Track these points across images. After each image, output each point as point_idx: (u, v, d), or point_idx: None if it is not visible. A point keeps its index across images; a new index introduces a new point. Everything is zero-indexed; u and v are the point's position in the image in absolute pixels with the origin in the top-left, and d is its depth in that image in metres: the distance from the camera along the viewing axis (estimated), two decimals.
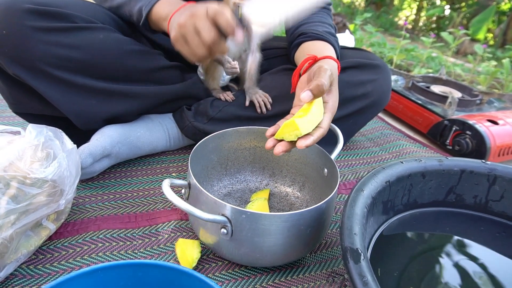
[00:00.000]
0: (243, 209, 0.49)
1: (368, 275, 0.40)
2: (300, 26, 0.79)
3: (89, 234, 0.60)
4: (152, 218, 0.65)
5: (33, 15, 0.62)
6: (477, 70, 2.00)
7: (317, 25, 0.78)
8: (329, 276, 0.57)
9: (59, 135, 0.59)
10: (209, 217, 0.48)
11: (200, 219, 0.48)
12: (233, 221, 0.49)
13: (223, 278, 0.55)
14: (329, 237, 0.65)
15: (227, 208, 0.49)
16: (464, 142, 0.98)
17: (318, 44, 0.73)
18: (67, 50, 0.65)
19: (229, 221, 0.49)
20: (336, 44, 0.76)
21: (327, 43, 0.73)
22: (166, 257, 0.57)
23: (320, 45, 0.73)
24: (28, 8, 0.61)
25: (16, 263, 0.51)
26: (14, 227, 0.49)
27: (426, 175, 0.63)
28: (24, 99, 0.70)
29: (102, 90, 0.70)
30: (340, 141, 0.66)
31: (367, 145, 1.01)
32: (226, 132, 0.68)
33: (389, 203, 0.60)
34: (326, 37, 0.74)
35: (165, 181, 0.50)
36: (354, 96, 0.80)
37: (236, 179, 0.74)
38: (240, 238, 0.51)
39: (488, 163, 0.64)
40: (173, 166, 0.81)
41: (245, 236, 0.50)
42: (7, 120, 0.92)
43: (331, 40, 0.74)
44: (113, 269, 0.38)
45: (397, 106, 1.22)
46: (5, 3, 0.61)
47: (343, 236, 0.45)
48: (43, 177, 0.52)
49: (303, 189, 0.72)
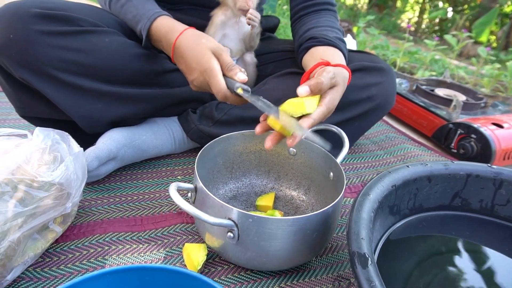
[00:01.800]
0: (250, 213, 0.49)
1: (376, 280, 0.40)
2: (309, 29, 0.79)
3: (95, 237, 0.60)
4: (158, 221, 0.65)
5: (40, 19, 0.62)
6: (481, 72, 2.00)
7: (327, 30, 0.78)
8: (335, 280, 0.57)
9: (66, 138, 0.59)
10: (216, 221, 0.48)
11: (207, 223, 0.48)
12: (240, 225, 0.49)
13: (229, 282, 0.55)
14: (334, 241, 0.65)
15: (234, 212, 0.49)
16: (469, 146, 0.97)
17: (329, 50, 0.73)
18: (73, 54, 0.65)
19: (235, 225, 0.49)
20: (345, 50, 0.76)
21: (337, 49, 0.73)
22: (172, 261, 0.57)
23: (331, 52, 0.73)
24: (34, 12, 0.62)
25: (24, 265, 0.51)
26: (21, 230, 0.49)
27: (432, 179, 0.62)
28: (31, 103, 0.71)
29: (108, 94, 0.70)
30: (345, 145, 0.66)
31: (372, 149, 1.01)
32: (232, 136, 0.68)
33: (395, 207, 0.59)
34: (337, 43, 0.74)
35: (171, 185, 0.50)
36: (359, 99, 0.80)
37: (242, 183, 0.74)
38: (247, 242, 0.51)
39: (494, 167, 0.64)
40: (178, 169, 0.81)
41: (252, 240, 0.50)
42: (12, 122, 0.93)
43: (342, 46, 0.74)
44: (121, 273, 0.39)
45: (402, 109, 1.22)
46: (12, 8, 0.62)
47: (350, 240, 0.45)
48: (50, 180, 0.52)
49: (309, 192, 0.72)
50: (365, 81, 0.80)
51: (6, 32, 0.61)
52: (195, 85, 0.66)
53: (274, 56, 0.89)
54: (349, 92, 0.80)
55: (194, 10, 0.88)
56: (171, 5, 0.87)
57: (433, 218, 0.64)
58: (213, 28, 0.80)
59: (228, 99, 0.62)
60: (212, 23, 0.80)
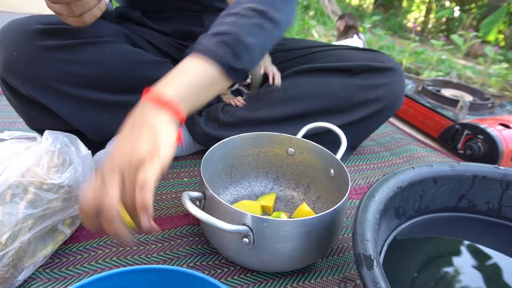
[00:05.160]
0: (264, 217, 0.49)
1: (382, 281, 0.40)
2: None
3: (103, 239, 0.61)
4: (165, 223, 0.66)
5: (42, 35, 0.63)
6: (488, 72, 1.98)
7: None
8: (341, 281, 0.58)
9: (74, 141, 0.60)
10: (233, 228, 0.48)
11: (223, 230, 0.48)
12: (255, 230, 0.50)
13: (235, 283, 0.55)
14: (340, 242, 0.65)
15: (249, 217, 0.49)
16: (476, 147, 0.97)
17: None
18: (76, 66, 0.66)
19: (251, 230, 0.50)
20: None
21: None
22: (179, 262, 0.58)
23: None
24: (36, 28, 0.63)
25: (34, 266, 0.52)
26: (31, 231, 0.50)
27: (438, 180, 0.62)
28: (38, 116, 0.72)
29: (113, 103, 0.71)
30: (343, 142, 0.67)
31: (378, 150, 1.01)
32: (231, 140, 0.68)
33: (401, 209, 0.59)
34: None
35: (183, 194, 0.50)
36: (366, 100, 0.80)
37: (241, 186, 0.74)
38: (262, 246, 0.51)
39: (501, 168, 0.63)
40: (185, 171, 0.82)
41: (267, 244, 0.51)
42: (22, 125, 0.94)
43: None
44: (129, 274, 0.39)
45: (408, 110, 1.22)
46: (14, 26, 0.63)
47: (355, 242, 0.45)
48: (59, 182, 0.53)
49: (308, 191, 0.72)
50: (373, 81, 0.80)
51: (10, 50, 0.62)
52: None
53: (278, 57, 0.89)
54: (356, 93, 0.79)
55: (180, 16, 0.87)
56: (157, 14, 0.87)
57: (439, 219, 0.64)
58: None
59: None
60: None
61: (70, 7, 0.54)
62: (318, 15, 2.81)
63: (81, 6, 0.54)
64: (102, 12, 0.58)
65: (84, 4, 0.54)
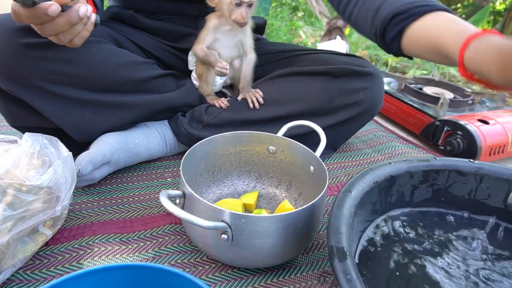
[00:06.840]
0: (242, 214, 0.50)
1: (353, 273, 0.41)
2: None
3: (85, 239, 0.61)
4: (147, 222, 0.66)
5: (25, 33, 0.63)
6: None
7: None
8: (321, 276, 0.59)
9: (55, 143, 0.61)
10: (210, 224, 0.49)
11: (201, 227, 0.48)
12: (233, 226, 0.50)
13: (216, 280, 0.56)
14: (320, 238, 0.67)
15: (226, 214, 0.50)
16: (455, 142, 0.99)
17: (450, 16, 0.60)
18: (59, 65, 0.66)
19: (229, 227, 0.50)
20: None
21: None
22: (161, 260, 0.58)
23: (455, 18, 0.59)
24: (19, 26, 0.63)
25: (13, 268, 0.52)
26: (11, 233, 0.50)
27: (414, 175, 0.64)
28: (20, 114, 0.72)
29: (96, 102, 0.71)
30: (322, 139, 0.68)
31: (360, 147, 1.02)
32: (213, 139, 0.69)
33: (377, 204, 0.61)
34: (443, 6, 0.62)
35: (162, 193, 0.50)
36: (347, 104, 0.81)
37: (224, 184, 0.75)
38: (241, 242, 0.52)
39: (475, 162, 0.65)
40: (169, 171, 0.83)
41: (246, 240, 0.51)
42: (5, 129, 0.94)
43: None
44: (105, 271, 0.40)
45: (390, 108, 1.24)
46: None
47: (329, 235, 0.46)
48: (39, 184, 0.53)
49: (290, 188, 0.73)
50: (353, 86, 0.81)
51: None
52: None
53: (261, 59, 0.90)
54: (336, 97, 0.81)
55: (177, 18, 0.89)
56: (152, 14, 0.88)
57: (416, 213, 0.65)
58: (205, 32, 0.81)
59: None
60: (206, 27, 0.81)
61: (59, 36, 0.55)
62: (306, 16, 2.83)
63: (69, 35, 0.56)
64: (90, 32, 0.59)
65: (71, 32, 0.55)
